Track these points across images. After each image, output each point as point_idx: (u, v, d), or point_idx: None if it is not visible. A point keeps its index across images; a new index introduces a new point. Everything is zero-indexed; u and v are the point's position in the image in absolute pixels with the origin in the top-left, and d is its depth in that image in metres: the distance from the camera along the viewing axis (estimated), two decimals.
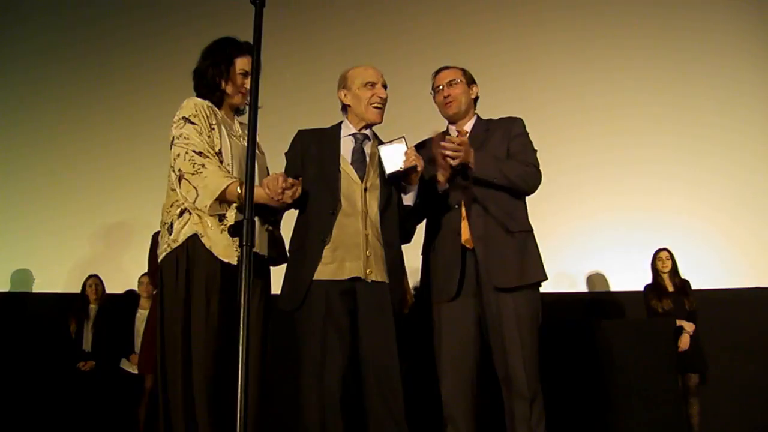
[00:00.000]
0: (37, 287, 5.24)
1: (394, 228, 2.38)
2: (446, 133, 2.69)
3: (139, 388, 4.12)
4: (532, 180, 2.52)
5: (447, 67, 2.70)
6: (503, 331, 2.42)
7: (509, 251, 2.45)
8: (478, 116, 2.71)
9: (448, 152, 2.37)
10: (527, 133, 2.63)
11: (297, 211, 2.42)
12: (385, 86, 2.45)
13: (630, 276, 4.89)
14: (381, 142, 2.40)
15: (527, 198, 2.60)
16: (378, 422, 2.22)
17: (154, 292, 4.30)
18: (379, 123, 2.46)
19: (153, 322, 3.86)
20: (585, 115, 5.36)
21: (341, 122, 2.50)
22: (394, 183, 2.39)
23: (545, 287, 2.60)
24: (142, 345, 4.00)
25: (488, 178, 2.45)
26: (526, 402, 2.39)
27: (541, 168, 2.57)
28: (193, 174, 2.11)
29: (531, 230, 2.56)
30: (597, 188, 5.16)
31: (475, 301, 2.48)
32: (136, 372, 4.30)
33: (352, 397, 2.25)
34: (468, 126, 2.67)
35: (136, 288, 4.68)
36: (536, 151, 2.61)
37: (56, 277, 5.18)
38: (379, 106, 2.42)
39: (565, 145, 5.19)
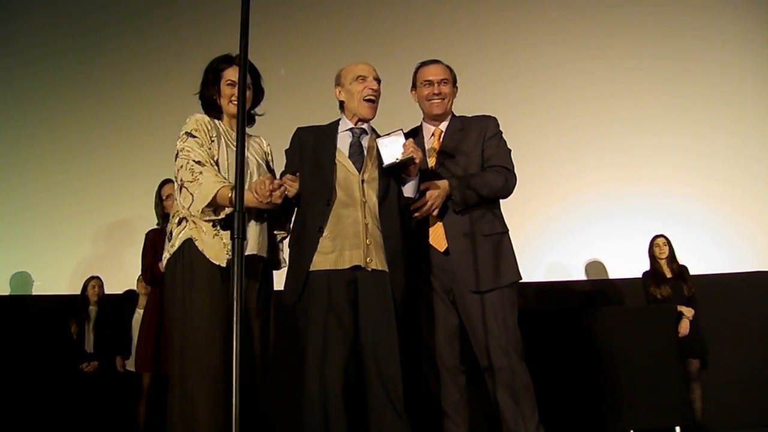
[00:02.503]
0: (37, 289, 5.25)
1: (394, 219, 2.40)
2: (418, 130, 2.72)
3: (139, 386, 4.13)
4: (506, 187, 2.57)
5: (438, 62, 2.69)
6: (480, 327, 2.45)
7: (483, 255, 2.48)
8: (452, 114, 2.73)
9: (423, 211, 2.44)
10: (501, 133, 2.67)
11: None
12: (378, 80, 2.46)
13: (628, 263, 4.90)
14: (379, 136, 2.42)
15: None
16: (377, 410, 2.24)
17: (145, 293, 4.31)
18: (370, 118, 2.47)
19: (147, 321, 3.87)
20: (582, 104, 5.36)
21: (339, 119, 2.53)
22: (391, 174, 2.40)
23: (546, 276, 2.62)
24: (138, 344, 4.02)
25: (468, 206, 2.51)
26: (514, 392, 2.41)
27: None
28: (191, 182, 2.23)
29: (506, 231, 2.60)
30: (594, 176, 5.17)
31: (451, 299, 2.53)
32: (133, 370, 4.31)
33: (354, 385, 2.27)
34: (443, 125, 2.69)
35: (135, 288, 4.68)
36: (510, 151, 2.65)
37: (56, 279, 5.19)
38: (370, 98, 2.44)
39: (561, 133, 5.21)
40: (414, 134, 2.70)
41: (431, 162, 2.61)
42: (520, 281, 2.60)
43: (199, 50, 2.55)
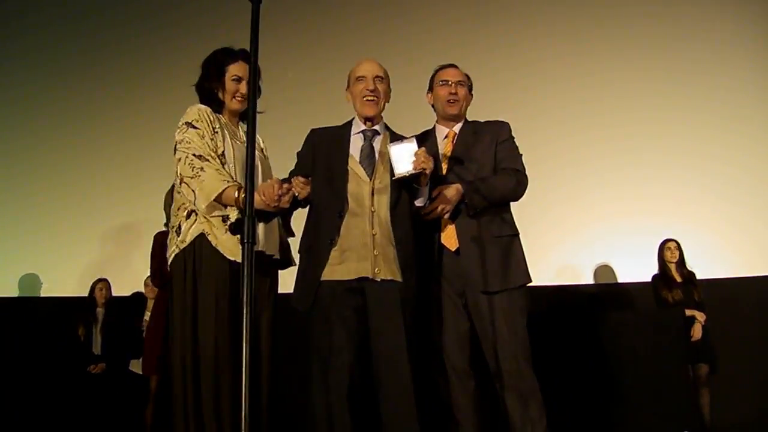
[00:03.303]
0: (45, 291, 5.26)
1: (406, 225, 2.39)
2: (431, 132, 2.73)
3: (147, 389, 4.14)
4: (518, 189, 2.59)
5: (456, 66, 2.75)
6: (490, 329, 2.45)
7: (493, 256, 2.49)
8: (466, 118, 2.76)
9: (433, 215, 2.45)
10: (513, 138, 2.70)
11: (307, 212, 2.45)
12: (380, 78, 2.44)
13: (635, 267, 4.87)
14: (393, 138, 2.40)
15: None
16: (389, 418, 2.25)
17: (152, 296, 4.30)
18: (372, 115, 2.44)
19: (154, 324, 3.87)
20: (589, 107, 5.33)
21: (353, 119, 2.52)
22: (402, 184, 2.38)
23: (553, 280, 2.62)
24: (145, 347, 4.02)
25: (482, 208, 2.51)
26: (522, 397, 2.41)
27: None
28: (192, 177, 2.17)
29: (516, 234, 2.61)
30: (602, 179, 5.14)
31: (462, 300, 2.52)
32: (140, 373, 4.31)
33: (367, 394, 2.28)
34: (456, 128, 2.71)
35: (143, 290, 4.68)
36: (521, 155, 2.68)
37: (63, 281, 5.20)
38: (369, 98, 2.42)
39: (569, 136, 5.18)
40: (427, 136, 2.71)
41: (444, 166, 2.63)
42: (529, 285, 2.59)
43: (208, 53, 2.53)
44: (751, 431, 4.42)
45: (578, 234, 5.06)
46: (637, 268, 4.86)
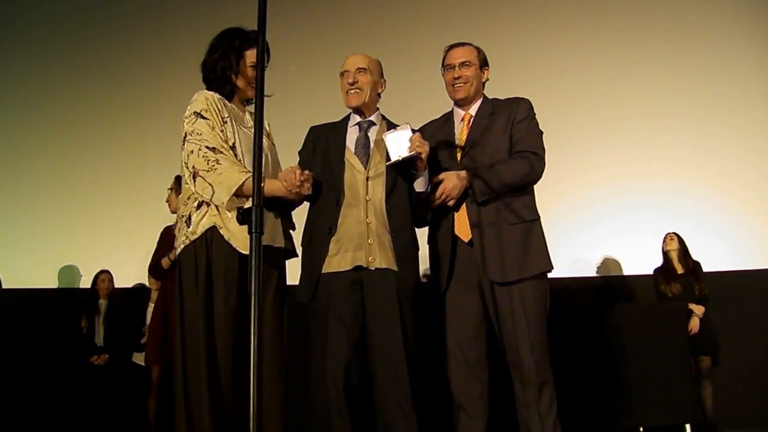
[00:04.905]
0: (48, 283, 5.24)
1: (403, 214, 2.39)
2: (449, 116, 2.67)
3: (149, 379, 4.14)
4: (532, 174, 2.47)
5: (462, 44, 2.63)
6: (507, 319, 2.40)
7: (509, 244, 2.40)
8: (484, 97, 2.65)
9: (436, 204, 2.42)
10: (532, 116, 2.56)
11: (308, 206, 2.47)
12: (362, 70, 2.44)
13: (642, 260, 4.87)
14: (390, 127, 2.41)
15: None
16: (385, 408, 2.26)
17: (156, 288, 4.29)
18: (354, 106, 2.47)
19: (156, 315, 3.86)
20: (594, 100, 5.32)
21: (350, 113, 2.53)
22: (399, 170, 2.38)
23: (557, 272, 2.58)
24: (147, 337, 4.01)
25: (489, 196, 2.43)
26: (534, 388, 2.37)
27: (546, 152, 2.52)
28: (207, 171, 2.11)
29: (536, 219, 2.49)
30: (608, 173, 5.13)
31: (478, 291, 2.47)
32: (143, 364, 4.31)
33: (360, 383, 2.28)
34: (473, 109, 2.61)
35: (146, 282, 4.68)
36: (542, 133, 2.55)
37: (67, 272, 5.19)
38: (352, 91, 2.44)
39: (574, 129, 5.16)
40: (446, 121, 2.65)
41: (459, 151, 2.55)
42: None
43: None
44: (752, 423, 4.43)
45: (582, 227, 5.05)
46: (642, 260, 4.85)
